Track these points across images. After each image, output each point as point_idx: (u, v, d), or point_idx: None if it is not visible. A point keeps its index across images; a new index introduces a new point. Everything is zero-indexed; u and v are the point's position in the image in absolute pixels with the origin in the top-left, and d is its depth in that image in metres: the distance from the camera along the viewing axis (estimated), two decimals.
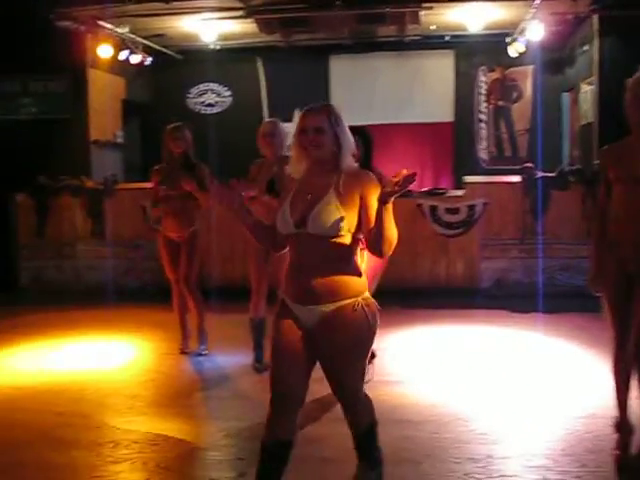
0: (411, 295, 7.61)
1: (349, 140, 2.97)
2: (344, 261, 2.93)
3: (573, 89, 10.53)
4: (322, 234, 2.87)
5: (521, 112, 11.30)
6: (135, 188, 8.89)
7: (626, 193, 3.62)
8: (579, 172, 8.02)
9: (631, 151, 3.63)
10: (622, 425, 3.74)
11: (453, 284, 8.11)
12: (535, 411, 4.51)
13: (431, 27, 10.11)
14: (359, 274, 2.97)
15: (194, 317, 5.92)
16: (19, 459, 3.90)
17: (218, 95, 11.98)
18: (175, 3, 8.65)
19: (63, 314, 7.48)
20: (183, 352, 5.88)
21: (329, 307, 2.89)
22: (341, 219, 2.85)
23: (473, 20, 9.44)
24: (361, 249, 3.21)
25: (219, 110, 11.96)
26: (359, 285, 2.95)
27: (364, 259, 4.19)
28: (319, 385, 4.73)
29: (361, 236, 2.97)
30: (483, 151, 11.54)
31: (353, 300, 2.90)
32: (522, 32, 9.32)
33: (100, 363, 5.80)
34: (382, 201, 2.77)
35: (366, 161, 4.85)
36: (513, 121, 11.39)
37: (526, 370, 5.39)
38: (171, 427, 4.30)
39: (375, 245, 2.88)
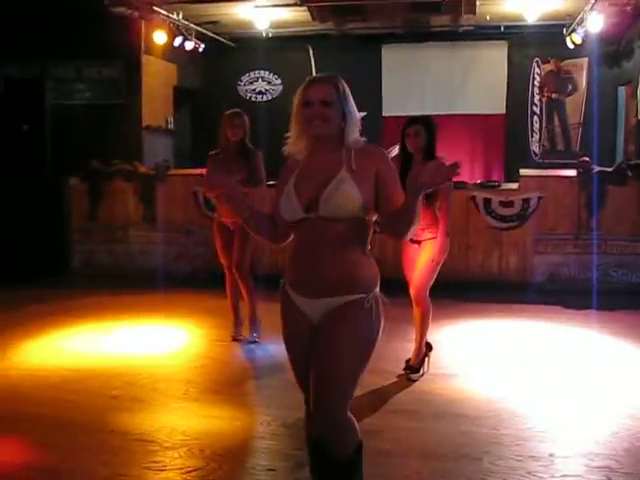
0: (463, 288, 7.52)
1: (356, 115, 2.69)
2: (358, 249, 2.64)
3: (630, 83, 10.26)
4: (337, 216, 2.56)
5: (575, 105, 11.07)
6: (187, 174, 8.95)
7: None
8: (637, 167, 7.82)
9: None
10: None
11: (506, 278, 8.00)
12: (594, 409, 4.42)
13: (486, 17, 9.93)
14: (372, 264, 2.69)
15: (246, 304, 5.93)
16: (77, 442, 3.94)
17: (269, 83, 11.98)
18: None
19: (115, 298, 7.57)
20: (235, 339, 5.89)
21: (338, 300, 2.61)
22: (358, 198, 2.57)
23: (529, 10, 9.27)
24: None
25: (269, 98, 11.96)
26: (372, 277, 2.67)
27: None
28: (375, 376, 4.79)
29: (376, 218, 2.68)
30: (535, 144, 11.35)
31: (364, 295, 2.62)
32: (580, 23, 9.10)
33: (153, 348, 5.85)
34: (415, 191, 2.48)
35: (430, 150, 4.82)
36: (567, 114, 11.16)
37: (581, 367, 5.29)
38: (226, 414, 4.33)
39: (395, 227, 2.63)
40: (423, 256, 4.90)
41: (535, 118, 11.30)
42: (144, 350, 5.80)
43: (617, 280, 7.80)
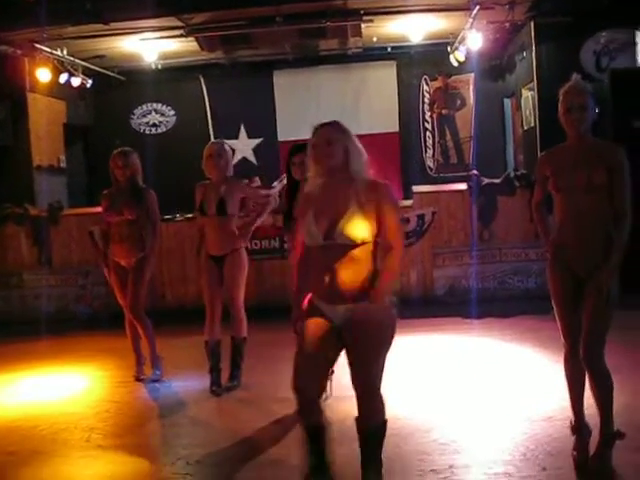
0: None
1: (358, 149, 3.28)
2: (369, 263, 3.22)
3: (514, 95, 10.74)
4: (351, 243, 3.16)
5: (465, 119, 11.47)
6: (82, 213, 8.74)
7: (566, 201, 3.71)
8: (524, 177, 8.14)
9: (570, 159, 3.71)
10: (578, 427, 3.78)
11: (407, 293, 8.12)
12: (494, 417, 4.53)
13: (373, 39, 10.20)
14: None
15: (145, 344, 5.80)
16: None
17: (162, 115, 11.88)
18: (114, 24, 8.53)
19: (14, 346, 7.26)
20: (138, 379, 5.75)
21: (358, 306, 3.19)
22: (366, 228, 3.16)
23: (414, 31, 9.60)
24: None
25: (164, 130, 11.86)
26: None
27: None
28: (280, 406, 4.76)
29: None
30: (430, 159, 11.68)
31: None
32: (462, 41, 9.45)
33: (52, 396, 5.63)
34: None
35: None
36: (457, 129, 11.55)
37: (483, 375, 5.43)
38: (130, 459, 4.20)
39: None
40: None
41: (428, 134, 11.64)
42: (43, 399, 5.57)
43: (514, 287, 8.07)
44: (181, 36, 9.14)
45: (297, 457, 4.00)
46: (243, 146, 11.73)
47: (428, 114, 11.61)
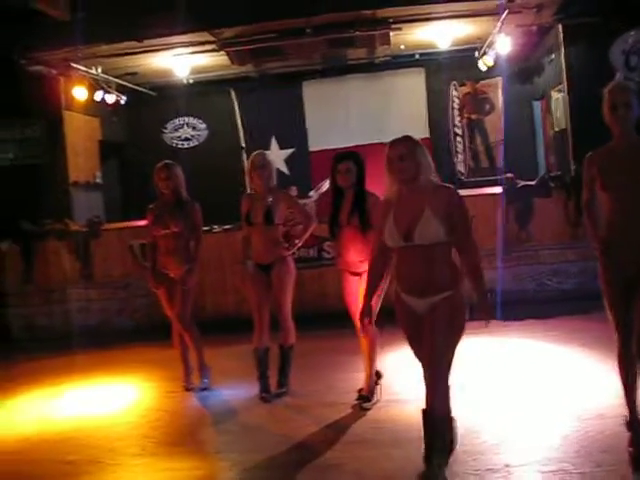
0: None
1: (427, 161, 3.68)
2: (445, 260, 3.61)
3: (544, 97, 10.74)
4: (428, 244, 3.55)
5: (494, 123, 11.48)
6: (121, 227, 8.90)
7: (614, 199, 3.75)
8: (559, 178, 8.17)
9: (617, 158, 3.75)
10: (633, 423, 3.80)
11: None
12: (544, 416, 4.56)
13: (401, 47, 10.26)
14: (457, 269, 3.65)
15: (193, 353, 5.89)
16: None
17: (194, 128, 12.05)
18: (148, 41, 8.71)
19: (59, 360, 7.40)
20: (187, 389, 5.84)
21: (437, 298, 3.57)
22: (439, 229, 3.55)
23: (441, 37, 9.64)
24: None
25: (196, 143, 12.03)
26: (457, 278, 3.62)
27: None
28: (329, 409, 4.84)
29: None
30: (461, 164, 11.70)
31: (454, 291, 3.57)
32: (490, 46, 9.49)
33: (104, 407, 5.74)
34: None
35: (360, 185, 4.98)
36: (487, 133, 11.57)
37: (531, 376, 5.45)
38: (186, 465, 4.29)
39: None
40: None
41: (458, 139, 11.67)
42: (95, 410, 5.68)
43: (553, 288, 8.06)
44: (213, 50, 9.29)
45: (351, 460, 4.11)
46: (275, 157, 11.70)
47: (458, 119, 11.64)
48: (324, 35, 9.12)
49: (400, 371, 5.83)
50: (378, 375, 5.21)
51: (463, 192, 8.85)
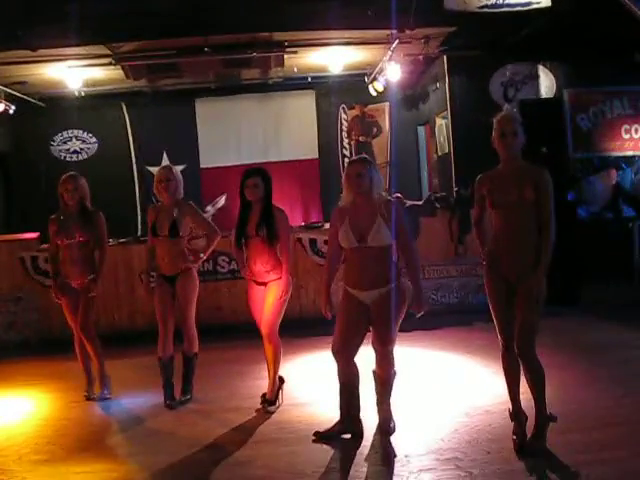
0: (298, 327, 7.80)
1: (379, 178, 4.54)
2: (389, 259, 4.40)
3: (428, 123, 11.40)
4: (378, 246, 4.36)
5: (381, 146, 12.04)
6: (11, 239, 8.64)
7: (500, 215, 4.19)
8: (444, 199, 8.72)
9: (503, 179, 4.20)
10: (517, 414, 4.24)
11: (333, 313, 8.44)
12: (437, 413, 4.94)
13: (294, 69, 10.61)
14: (396, 267, 4.45)
15: (95, 363, 5.87)
16: None
17: (83, 142, 11.90)
18: (42, 51, 8.60)
19: None
20: (89, 398, 5.80)
21: (383, 289, 4.38)
22: (388, 235, 4.37)
23: (334, 62, 10.08)
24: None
25: (85, 157, 11.88)
26: (398, 273, 4.44)
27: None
28: (235, 414, 5.01)
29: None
30: None
31: (397, 283, 4.41)
32: (380, 72, 10.01)
33: (5, 417, 5.56)
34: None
35: (267, 198, 5.22)
36: (375, 155, 12.02)
37: (423, 379, 5.85)
38: (99, 467, 4.30)
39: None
40: (270, 296, 5.21)
41: (346, 160, 12.11)
42: None
43: (437, 302, 8.57)
44: (109, 64, 9.27)
45: (261, 457, 4.30)
46: None
47: (346, 141, 12.13)
48: (222, 55, 9.34)
49: (297, 378, 6.11)
50: (281, 380, 5.43)
51: None
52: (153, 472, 4.19)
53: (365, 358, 4.63)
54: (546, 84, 9.96)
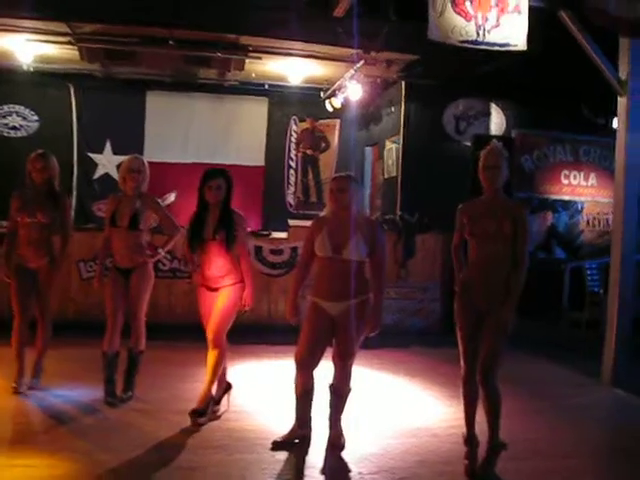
0: (234, 333, 7.70)
1: (359, 195, 4.66)
2: (359, 274, 4.46)
3: (377, 144, 11.55)
4: (352, 260, 4.42)
5: (328, 162, 12.12)
6: None
7: (477, 245, 4.30)
8: (391, 221, 8.84)
9: (483, 210, 4.31)
10: (470, 439, 4.34)
11: (275, 321, 8.45)
12: (386, 434, 4.98)
13: (252, 75, 10.56)
14: (367, 281, 4.49)
15: (38, 350, 5.63)
16: None
17: (24, 119, 11.43)
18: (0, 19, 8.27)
19: None
20: (18, 392, 5.44)
21: (349, 302, 4.42)
22: (364, 250, 4.44)
23: (293, 73, 10.07)
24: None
25: (24, 134, 11.42)
26: (367, 288, 4.48)
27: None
28: (182, 417, 4.90)
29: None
30: (291, 196, 12.17)
31: (365, 297, 4.45)
32: (339, 89, 10.09)
33: None
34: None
35: (227, 201, 5.07)
36: (320, 170, 12.16)
37: (366, 399, 5.80)
38: (40, 462, 4.11)
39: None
40: (221, 301, 5.02)
41: (291, 171, 12.15)
42: None
43: None
44: (68, 43, 8.99)
45: (213, 464, 4.23)
46: (107, 162, 11.56)
47: (294, 152, 12.13)
48: (185, 50, 9.20)
49: (244, 384, 6.05)
50: (228, 386, 5.35)
51: (293, 222, 9.48)
52: (101, 472, 4.03)
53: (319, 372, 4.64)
54: (496, 122, 10.28)
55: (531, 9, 6.54)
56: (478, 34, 6.35)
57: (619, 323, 6.73)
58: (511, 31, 6.41)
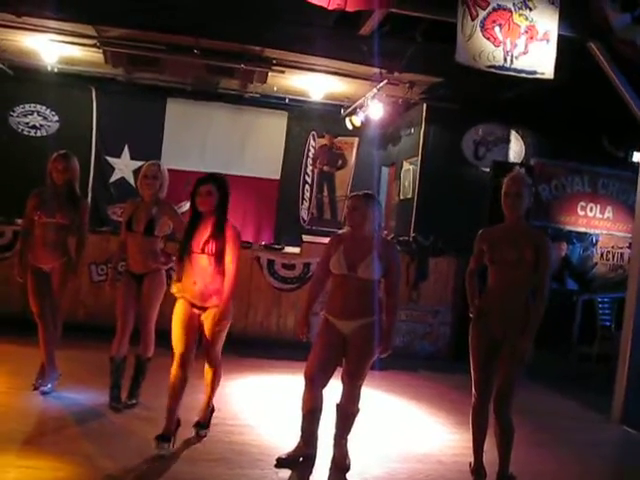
0: (243, 345, 7.65)
1: (375, 215, 4.49)
2: (373, 293, 4.40)
3: (394, 165, 11.52)
4: (367, 279, 4.39)
5: (343, 179, 12.10)
6: None
7: (497, 272, 4.24)
8: (406, 243, 8.78)
9: (504, 237, 4.26)
10: (477, 469, 4.26)
11: (283, 336, 8.39)
12: (391, 458, 4.90)
13: (274, 88, 10.58)
14: (381, 301, 4.44)
15: (46, 352, 5.56)
16: None
17: (45, 119, 11.48)
18: (27, 18, 8.31)
19: None
20: (37, 389, 5.48)
21: (362, 321, 4.38)
22: (378, 271, 4.40)
23: (315, 89, 10.07)
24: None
25: (44, 134, 11.46)
26: (380, 307, 4.42)
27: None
28: (184, 428, 4.83)
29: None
30: (305, 211, 12.14)
31: (378, 316, 4.40)
32: (361, 107, 10.08)
33: None
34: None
35: (221, 210, 4.62)
36: (335, 187, 12.14)
37: (373, 421, 5.71)
38: (44, 465, 4.07)
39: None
40: (211, 323, 4.70)
41: (307, 187, 12.13)
42: None
43: None
44: (94, 46, 9.02)
45: (213, 477, 4.17)
46: (124, 166, 11.60)
47: (310, 168, 12.12)
48: (209, 59, 9.22)
49: (250, 398, 6.00)
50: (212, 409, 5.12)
51: (307, 238, 9.45)
52: (101, 478, 3.97)
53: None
54: (516, 149, 10.23)
55: (560, 38, 6.52)
56: (505, 60, 6.32)
57: (632, 359, 6.64)
58: (539, 59, 6.39)
